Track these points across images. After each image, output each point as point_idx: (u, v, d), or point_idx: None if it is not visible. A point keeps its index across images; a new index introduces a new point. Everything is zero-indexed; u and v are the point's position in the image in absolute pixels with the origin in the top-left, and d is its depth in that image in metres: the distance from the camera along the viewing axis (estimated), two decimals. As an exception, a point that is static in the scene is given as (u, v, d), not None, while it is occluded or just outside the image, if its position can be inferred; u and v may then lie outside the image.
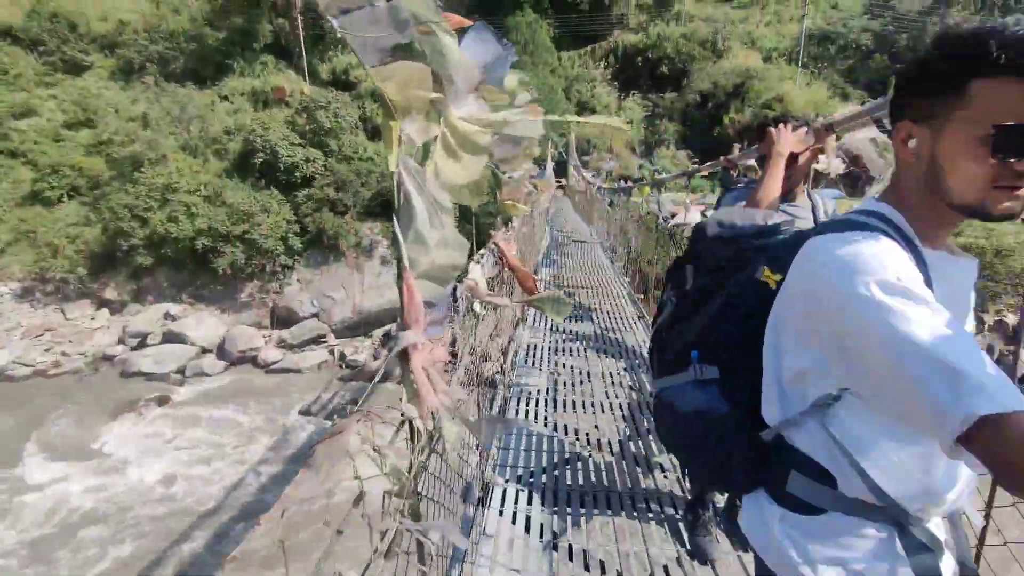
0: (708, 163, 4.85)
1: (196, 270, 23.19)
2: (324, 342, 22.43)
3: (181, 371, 19.66)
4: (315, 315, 22.83)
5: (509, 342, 4.95)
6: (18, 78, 33.41)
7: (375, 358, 21.87)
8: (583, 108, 31.94)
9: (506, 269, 3.57)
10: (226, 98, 31.89)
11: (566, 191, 25.94)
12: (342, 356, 21.46)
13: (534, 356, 5.41)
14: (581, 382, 4.69)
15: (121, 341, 21.38)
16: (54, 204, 26.03)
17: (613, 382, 4.66)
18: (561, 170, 29.96)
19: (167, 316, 22.08)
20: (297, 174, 23.91)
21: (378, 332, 23.22)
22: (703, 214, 15.50)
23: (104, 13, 39.82)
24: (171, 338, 20.99)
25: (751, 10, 36.47)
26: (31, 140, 28.87)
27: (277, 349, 21.35)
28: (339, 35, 1.06)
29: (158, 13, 38.46)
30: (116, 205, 22.63)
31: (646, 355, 3.21)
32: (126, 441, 15.05)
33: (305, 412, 17.06)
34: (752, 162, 2.87)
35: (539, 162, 28.00)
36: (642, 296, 7.82)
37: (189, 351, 20.47)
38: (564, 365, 5.11)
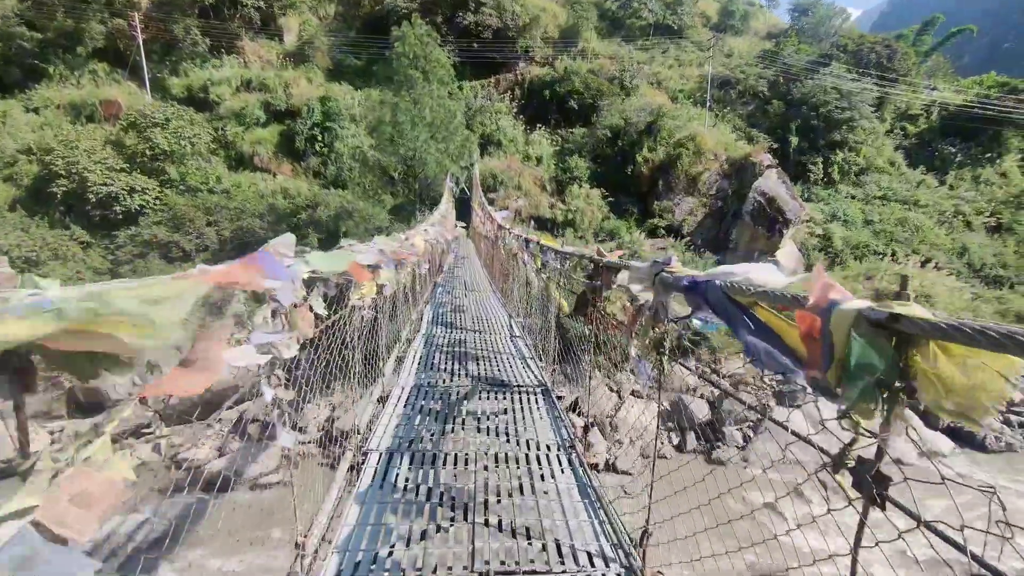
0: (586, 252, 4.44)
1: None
2: (148, 433, 16.48)
3: None
4: (143, 400, 16.83)
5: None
6: None
7: (221, 454, 16.37)
8: (487, 141, 29.20)
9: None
10: (35, 110, 25.03)
11: (469, 234, 22.56)
12: (173, 454, 15.70)
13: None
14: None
15: None
16: None
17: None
18: (463, 209, 26.59)
19: None
20: (117, 208, 18.11)
21: (230, 415, 17.68)
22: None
23: None
24: None
25: (653, 52, 36.68)
26: None
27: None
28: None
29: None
30: None
31: None
32: None
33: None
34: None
35: (433, 201, 24.59)
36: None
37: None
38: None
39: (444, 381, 5.41)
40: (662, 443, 16.43)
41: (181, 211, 18.02)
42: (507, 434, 4.15)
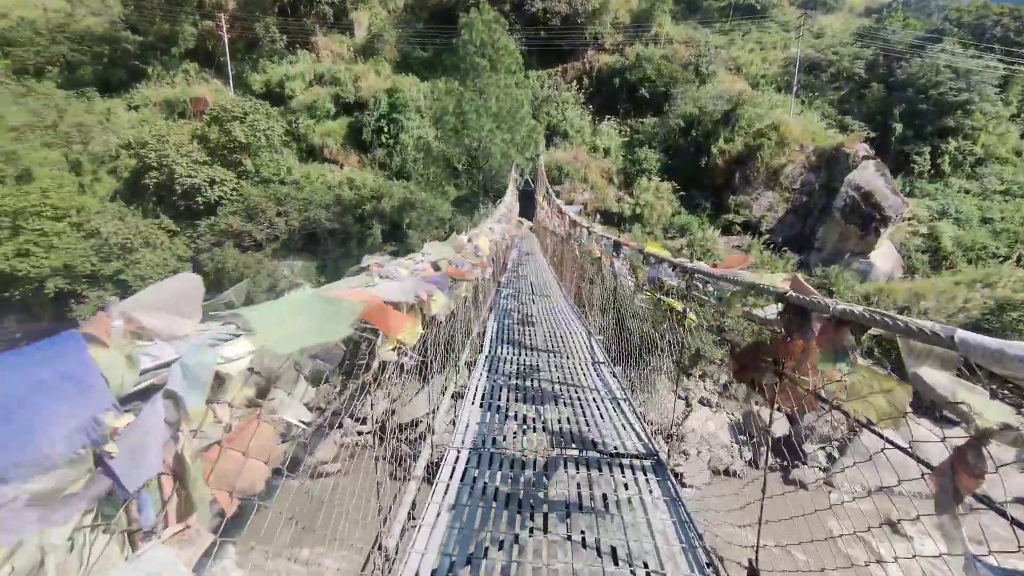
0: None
1: (59, 318, 17.95)
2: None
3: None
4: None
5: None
6: None
7: (283, 439, 16.98)
8: (553, 132, 28.43)
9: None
10: (136, 108, 27.12)
11: (533, 228, 21.97)
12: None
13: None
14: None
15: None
16: None
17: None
18: (526, 201, 26.06)
19: (5, 382, 16.67)
20: (199, 198, 19.16)
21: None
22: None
23: (3, 8, 34.70)
24: None
25: (732, 35, 34.26)
26: None
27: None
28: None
29: (71, 13, 33.56)
30: (-55, 234, 17.38)
31: None
32: None
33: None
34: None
35: (497, 193, 24.14)
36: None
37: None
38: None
39: (512, 436, 4.09)
40: (732, 457, 15.17)
41: (254, 201, 18.77)
42: (611, 550, 2.68)
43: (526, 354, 6.46)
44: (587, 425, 4.41)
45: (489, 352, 6.34)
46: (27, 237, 17.21)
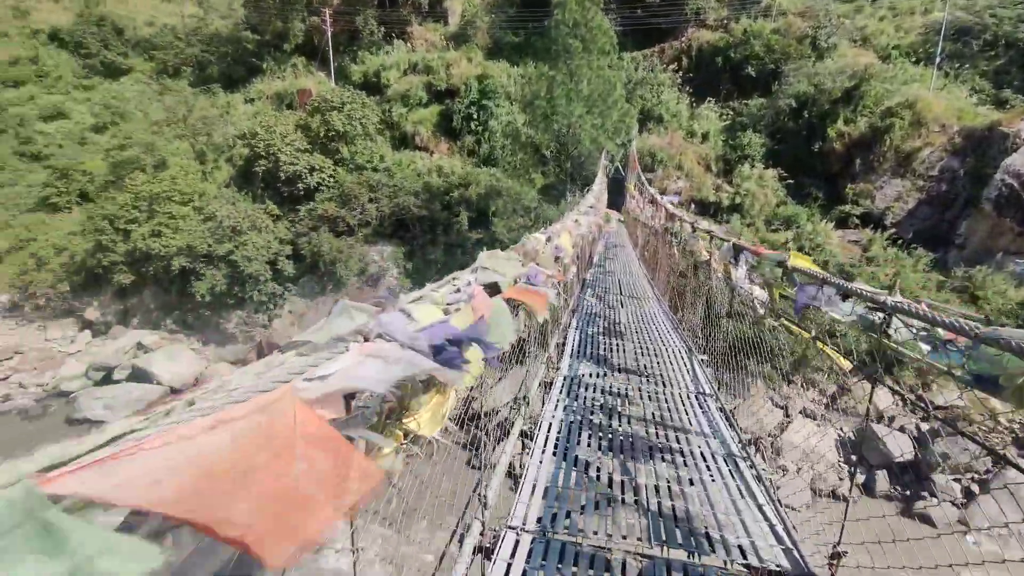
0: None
1: (182, 293, 20.02)
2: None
3: (135, 419, 16.20)
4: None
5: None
6: (58, 81, 32.57)
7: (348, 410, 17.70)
8: (647, 116, 26.90)
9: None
10: (251, 101, 29.48)
11: (622, 218, 20.92)
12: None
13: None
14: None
15: (87, 374, 18.40)
16: (61, 211, 24.02)
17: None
18: (616, 189, 24.96)
19: (139, 347, 18.92)
20: (300, 185, 20.37)
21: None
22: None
23: (151, 17, 39.18)
24: (139, 375, 17.69)
25: (859, 2, 30.28)
26: (55, 143, 27.37)
27: (255, 396, 17.56)
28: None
29: (203, 18, 37.20)
30: (98, 216, 19.91)
31: None
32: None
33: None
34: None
35: (585, 180, 23.23)
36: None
37: (152, 393, 17.02)
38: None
39: (594, 510, 3.06)
40: (841, 479, 13.48)
41: (348, 188, 19.60)
42: None
43: (612, 377, 5.34)
44: (698, 504, 3.17)
45: (569, 371, 5.33)
46: (159, 220, 19.27)
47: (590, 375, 5.34)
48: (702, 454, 3.93)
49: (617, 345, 6.50)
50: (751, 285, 4.33)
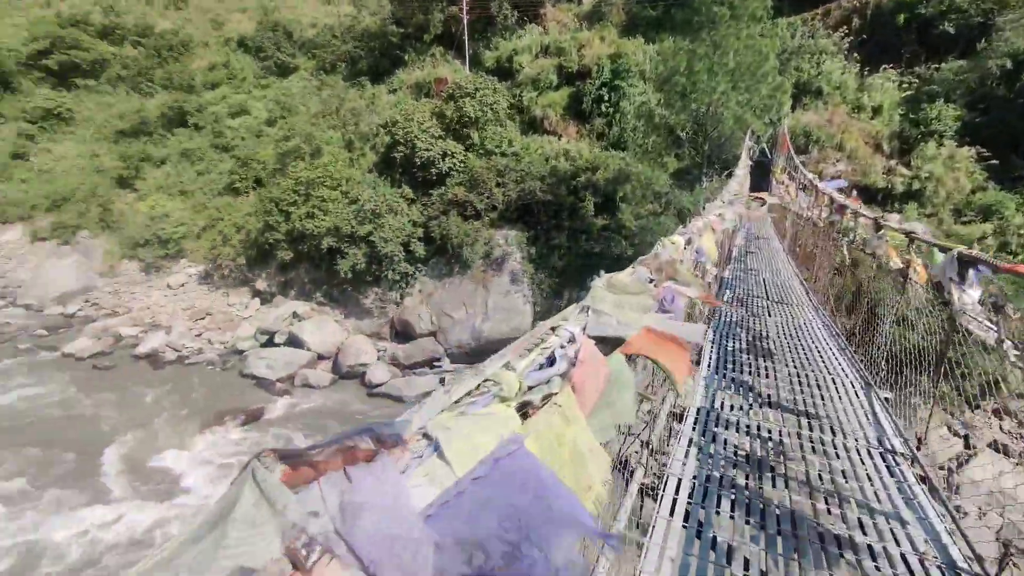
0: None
1: (329, 270, 22.24)
2: (438, 367, 19.48)
3: (290, 378, 18.48)
4: (432, 333, 20.00)
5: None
6: (243, 82, 37.83)
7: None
8: (802, 90, 23.65)
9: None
10: (394, 91, 31.49)
11: (772, 209, 18.62)
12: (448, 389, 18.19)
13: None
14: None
15: (256, 336, 21.35)
16: (241, 194, 28.01)
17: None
18: (758, 174, 22.44)
19: (295, 316, 21.46)
20: (433, 170, 21.32)
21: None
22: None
23: (314, 19, 43.62)
24: (293, 340, 20.09)
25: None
26: (239, 136, 31.87)
27: (387, 368, 18.98)
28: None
29: (356, 16, 40.49)
30: (266, 199, 22.81)
31: None
32: (191, 467, 13.62)
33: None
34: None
35: (725, 164, 21.07)
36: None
37: (303, 357, 19.24)
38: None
39: None
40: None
41: (477, 173, 20.04)
42: None
43: (760, 413, 4.20)
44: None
45: (704, 399, 4.32)
46: (313, 203, 21.43)
47: (731, 408, 4.31)
48: (903, 558, 2.69)
49: (765, 368, 5.22)
50: (991, 316, 2.99)
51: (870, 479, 3.48)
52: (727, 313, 6.82)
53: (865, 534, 2.92)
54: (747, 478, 3.32)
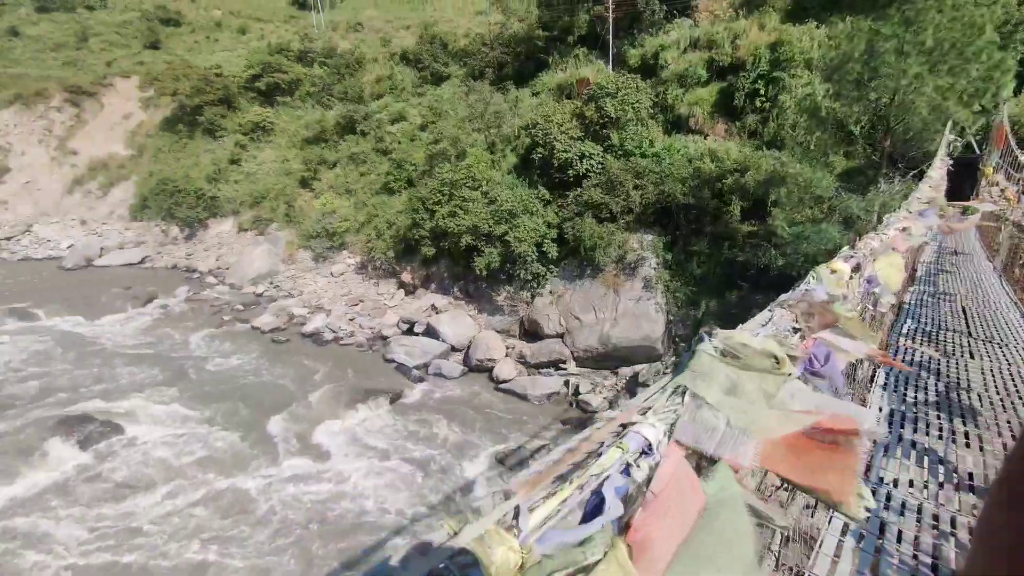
0: None
1: (466, 267, 23.44)
2: (563, 369, 19.44)
3: (425, 366, 19.86)
4: (560, 335, 20.00)
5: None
6: (402, 91, 41.72)
7: (610, 405, 17.61)
8: (1032, 71, 18.96)
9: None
10: (536, 94, 32.14)
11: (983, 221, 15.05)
12: (576, 391, 18.01)
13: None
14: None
15: (398, 324, 23.36)
16: (395, 194, 30.93)
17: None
18: (961, 178, 18.56)
19: (433, 308, 23.01)
20: (570, 172, 21.29)
21: (626, 371, 18.81)
22: None
23: (468, 29, 46.36)
24: (430, 331, 21.59)
25: None
26: (397, 140, 35.22)
27: (514, 366, 19.46)
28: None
29: (504, 23, 42.13)
30: (415, 198, 24.76)
31: None
32: (344, 438, 15.35)
33: (501, 459, 14.34)
34: None
35: (911, 164, 17.56)
36: None
37: (438, 348, 20.58)
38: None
39: None
40: None
41: (614, 174, 19.52)
42: None
43: (958, 499, 2.85)
44: None
45: (872, 472, 3.01)
46: (456, 202, 22.74)
47: (911, 488, 2.91)
48: None
49: (965, 433, 3.69)
50: None
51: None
52: (907, 350, 5.31)
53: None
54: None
